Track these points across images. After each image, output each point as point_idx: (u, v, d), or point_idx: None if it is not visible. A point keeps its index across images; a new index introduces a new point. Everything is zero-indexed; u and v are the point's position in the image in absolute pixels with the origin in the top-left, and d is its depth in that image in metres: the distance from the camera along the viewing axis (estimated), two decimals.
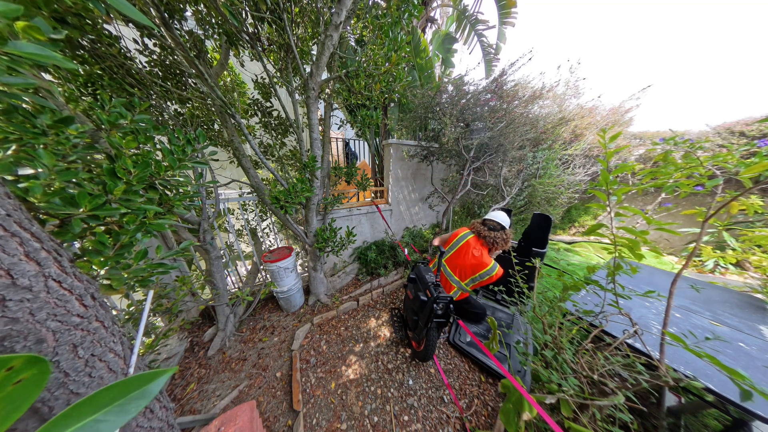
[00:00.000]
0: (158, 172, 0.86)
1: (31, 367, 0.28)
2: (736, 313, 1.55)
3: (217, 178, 2.31)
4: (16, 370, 0.27)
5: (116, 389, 0.31)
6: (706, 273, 3.51)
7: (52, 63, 0.49)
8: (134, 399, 0.32)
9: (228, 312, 2.05)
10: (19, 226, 0.49)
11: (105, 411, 0.30)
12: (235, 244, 2.58)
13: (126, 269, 0.77)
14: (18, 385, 0.27)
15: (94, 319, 0.61)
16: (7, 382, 0.27)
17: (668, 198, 4.47)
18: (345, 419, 1.44)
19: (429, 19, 4.37)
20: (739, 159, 0.95)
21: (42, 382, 0.28)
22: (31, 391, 0.28)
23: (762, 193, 3.45)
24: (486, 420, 1.45)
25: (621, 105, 5.28)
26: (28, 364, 0.27)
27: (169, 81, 1.72)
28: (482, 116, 2.79)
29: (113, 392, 0.31)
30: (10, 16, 0.47)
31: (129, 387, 0.32)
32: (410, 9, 1.72)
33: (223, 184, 2.14)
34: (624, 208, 1.00)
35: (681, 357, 1.12)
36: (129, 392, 0.32)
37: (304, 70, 1.73)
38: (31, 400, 0.28)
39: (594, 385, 1.03)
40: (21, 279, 0.47)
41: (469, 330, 1.67)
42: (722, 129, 4.19)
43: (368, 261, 3.04)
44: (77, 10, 1.00)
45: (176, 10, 1.49)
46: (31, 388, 0.28)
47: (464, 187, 3.04)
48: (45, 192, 0.63)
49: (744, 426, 1.08)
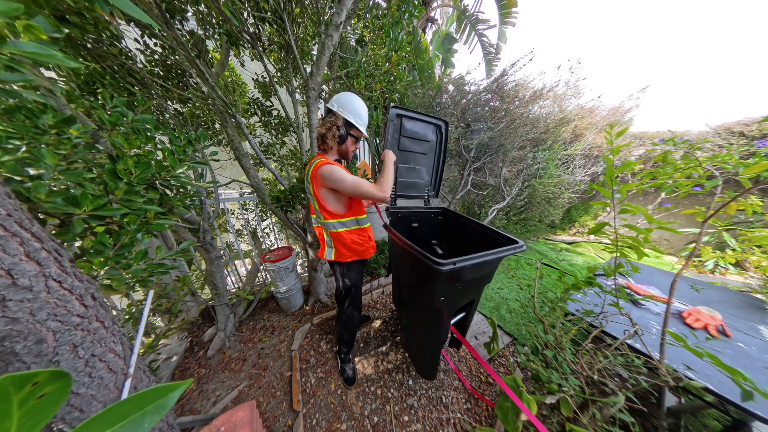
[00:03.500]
0: (159, 172, 0.86)
1: (55, 381, 0.28)
2: (735, 313, 1.55)
3: (217, 178, 2.31)
4: (41, 384, 0.27)
5: (130, 404, 0.31)
6: (706, 273, 3.51)
7: (54, 62, 0.49)
8: (148, 414, 0.31)
9: (228, 312, 2.04)
10: (20, 226, 0.49)
11: (119, 426, 0.29)
12: (235, 244, 2.58)
13: (126, 269, 0.77)
14: (41, 400, 0.27)
15: (95, 319, 0.61)
16: (32, 396, 0.27)
17: (667, 198, 4.48)
18: (345, 419, 1.44)
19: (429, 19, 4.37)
20: (738, 159, 0.95)
21: (63, 395, 0.28)
22: (54, 405, 0.28)
23: (762, 194, 3.45)
24: (486, 420, 1.45)
25: (621, 105, 5.28)
26: (51, 379, 0.28)
27: (170, 81, 1.72)
28: (483, 116, 2.80)
29: (127, 407, 0.31)
30: (10, 14, 0.47)
31: (143, 401, 0.32)
32: (411, 9, 1.72)
33: (223, 184, 2.14)
34: (627, 206, 1.00)
35: (680, 357, 1.12)
36: (143, 407, 0.31)
37: (305, 69, 1.73)
38: (52, 413, 0.28)
39: (594, 385, 1.03)
40: (21, 279, 0.47)
41: (464, 338, 1.48)
42: (722, 129, 4.19)
43: (368, 261, 3.04)
44: (78, 8, 1.00)
45: (177, 9, 1.49)
46: (53, 402, 0.28)
47: (464, 187, 3.05)
48: (49, 192, 0.63)
49: (744, 426, 1.09)
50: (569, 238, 5.14)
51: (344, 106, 1.18)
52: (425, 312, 1.30)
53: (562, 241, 4.79)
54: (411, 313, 1.48)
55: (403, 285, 1.52)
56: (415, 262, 1.12)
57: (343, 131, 1.20)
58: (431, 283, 1.13)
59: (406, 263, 1.34)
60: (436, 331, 1.30)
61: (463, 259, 0.97)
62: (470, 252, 1.02)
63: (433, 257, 0.96)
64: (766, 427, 0.97)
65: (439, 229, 1.92)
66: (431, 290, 1.14)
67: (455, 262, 0.95)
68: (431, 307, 1.18)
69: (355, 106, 1.19)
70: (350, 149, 1.27)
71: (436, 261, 0.94)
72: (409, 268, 1.35)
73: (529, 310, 2.18)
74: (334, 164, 1.16)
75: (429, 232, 1.89)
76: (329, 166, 1.14)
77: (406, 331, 1.68)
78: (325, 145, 1.24)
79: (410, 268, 1.31)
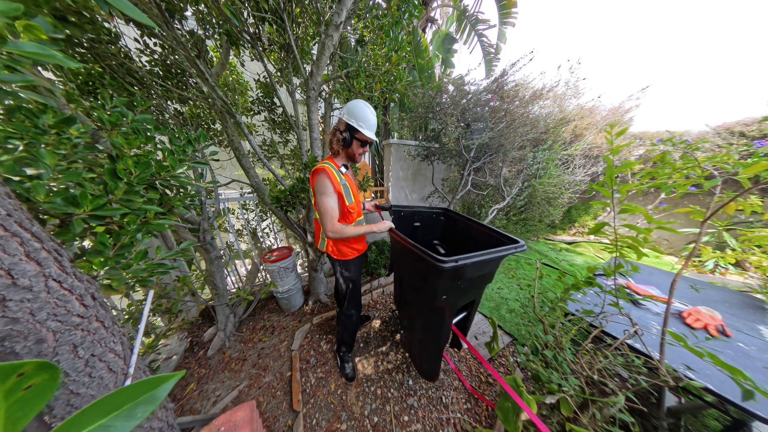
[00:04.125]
0: (159, 172, 0.86)
1: (42, 372, 0.28)
2: (735, 313, 1.55)
3: (217, 178, 2.31)
4: (27, 375, 0.27)
5: (123, 394, 0.31)
6: (706, 273, 3.51)
7: (54, 62, 0.49)
8: (141, 404, 0.32)
9: (228, 312, 2.04)
10: (20, 226, 0.49)
11: (112, 416, 0.30)
12: (235, 244, 2.58)
13: (126, 269, 0.77)
14: (28, 391, 0.27)
15: (95, 319, 0.61)
16: (18, 387, 0.27)
17: (666, 198, 4.48)
18: (345, 419, 1.44)
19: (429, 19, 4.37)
20: (737, 159, 0.95)
21: (52, 387, 0.28)
22: (42, 396, 0.28)
23: (761, 194, 3.45)
24: (486, 420, 1.45)
25: (621, 105, 5.28)
26: (38, 370, 0.28)
27: (170, 80, 1.72)
28: (483, 116, 2.80)
29: (120, 397, 0.31)
30: (10, 14, 0.47)
31: (136, 392, 0.32)
32: (411, 9, 1.72)
33: (223, 184, 2.14)
34: (627, 206, 1.00)
35: (680, 357, 1.12)
36: (136, 397, 0.32)
37: (305, 69, 1.73)
38: (41, 405, 0.28)
39: (594, 385, 1.03)
40: (21, 279, 0.47)
41: (465, 337, 1.50)
42: (722, 129, 4.19)
43: (368, 261, 3.04)
44: (78, 8, 1.00)
45: (177, 9, 1.49)
46: (41, 394, 0.28)
47: (464, 187, 3.05)
48: (48, 192, 0.63)
49: (744, 426, 1.09)
50: (569, 238, 5.14)
51: (350, 111, 1.22)
52: (427, 311, 1.30)
53: (562, 241, 4.79)
54: (412, 313, 1.48)
55: (405, 285, 1.53)
56: (417, 260, 1.12)
57: (347, 135, 1.23)
58: (433, 281, 1.13)
59: (408, 261, 1.35)
60: (438, 332, 1.30)
61: (465, 257, 0.98)
62: (472, 252, 1.02)
63: (435, 255, 0.97)
64: (766, 427, 0.97)
65: (440, 230, 1.92)
66: (433, 289, 1.14)
67: (457, 259, 0.96)
68: (433, 306, 1.18)
69: (360, 111, 1.21)
70: (357, 152, 1.29)
71: (439, 258, 0.95)
72: (410, 267, 1.35)
73: (529, 310, 2.18)
74: (330, 173, 1.19)
75: (431, 233, 1.90)
76: (322, 176, 1.18)
77: (407, 332, 1.67)
78: (332, 149, 1.29)
79: (412, 266, 1.32)
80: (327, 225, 1.20)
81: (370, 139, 1.24)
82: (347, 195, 1.27)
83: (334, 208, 1.21)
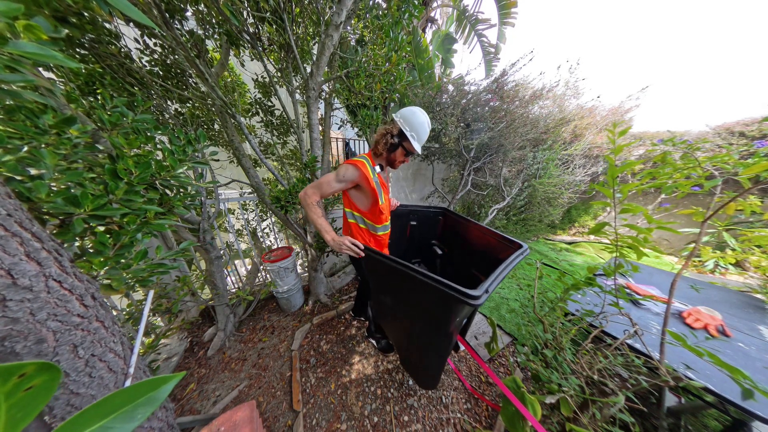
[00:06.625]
0: (159, 172, 0.86)
1: (43, 373, 0.28)
2: (735, 313, 1.55)
3: (217, 178, 2.31)
4: (28, 376, 0.27)
5: (123, 395, 0.31)
6: (706, 273, 3.51)
7: (54, 62, 0.49)
8: (141, 405, 0.31)
9: (228, 312, 2.04)
10: (20, 225, 0.49)
11: (112, 417, 0.30)
12: (235, 244, 2.58)
13: (126, 269, 0.77)
14: (29, 392, 0.27)
15: (95, 319, 0.61)
16: (19, 388, 0.27)
17: (667, 198, 4.48)
18: (345, 419, 1.44)
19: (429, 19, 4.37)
20: (737, 159, 0.95)
21: (52, 388, 0.28)
22: (42, 397, 0.28)
23: (761, 194, 3.45)
24: (486, 420, 1.45)
25: (621, 105, 5.28)
26: (39, 371, 0.28)
27: (170, 81, 1.72)
28: (483, 116, 2.80)
29: (120, 398, 0.31)
30: (10, 15, 0.47)
31: (136, 393, 0.32)
32: (411, 9, 1.72)
33: (223, 184, 2.14)
34: (627, 206, 1.00)
35: (680, 357, 1.12)
36: (136, 398, 0.32)
37: (305, 69, 1.73)
38: (41, 406, 0.28)
39: (594, 385, 1.03)
40: (22, 279, 0.47)
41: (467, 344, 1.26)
42: (722, 129, 4.19)
43: None
44: (78, 9, 1.00)
45: (177, 9, 1.49)
46: (41, 395, 0.28)
47: (464, 187, 3.05)
48: (49, 192, 0.63)
49: (744, 426, 1.09)
50: (569, 238, 5.14)
51: (407, 119, 1.17)
52: (434, 334, 1.14)
53: (562, 241, 4.79)
54: (411, 333, 1.30)
55: (400, 311, 1.31)
56: (432, 295, 0.93)
57: (396, 141, 1.19)
58: (454, 314, 0.96)
59: (413, 292, 1.07)
60: (445, 348, 1.14)
61: (492, 281, 0.89)
62: (470, 253, 1.00)
63: (464, 290, 0.79)
64: (766, 427, 0.97)
65: (438, 229, 1.92)
66: (448, 318, 0.98)
67: (488, 288, 0.83)
68: (446, 331, 1.04)
69: (419, 123, 1.17)
70: (398, 160, 1.26)
71: (469, 294, 0.78)
72: (416, 298, 1.09)
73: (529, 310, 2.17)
74: (364, 169, 1.17)
75: (428, 232, 1.89)
76: (352, 167, 1.17)
77: (401, 349, 1.50)
78: (376, 148, 1.25)
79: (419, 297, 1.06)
80: (308, 187, 1.17)
81: (415, 151, 1.22)
82: (380, 194, 1.25)
83: (329, 185, 1.18)
